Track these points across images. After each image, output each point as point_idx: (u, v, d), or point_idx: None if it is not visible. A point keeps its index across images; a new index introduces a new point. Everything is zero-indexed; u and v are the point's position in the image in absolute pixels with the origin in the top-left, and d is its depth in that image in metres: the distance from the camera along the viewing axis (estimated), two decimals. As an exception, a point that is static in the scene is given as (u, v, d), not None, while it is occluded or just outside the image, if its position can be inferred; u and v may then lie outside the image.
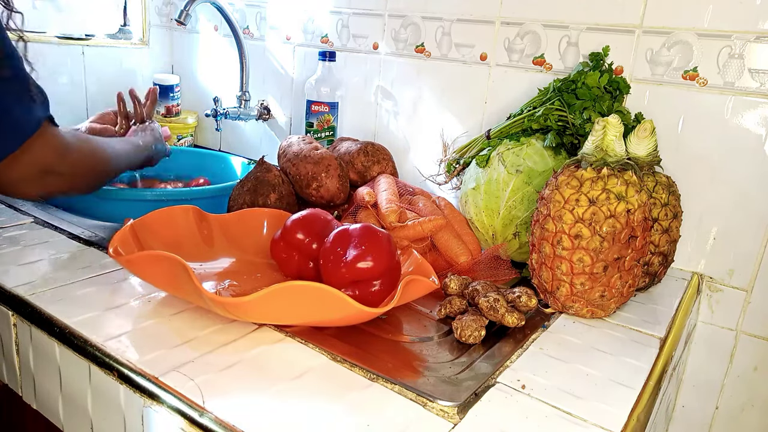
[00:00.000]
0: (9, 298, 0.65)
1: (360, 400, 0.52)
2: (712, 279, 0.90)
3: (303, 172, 0.92)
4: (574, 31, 0.95)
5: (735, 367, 0.91)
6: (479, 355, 0.62)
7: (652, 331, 0.70)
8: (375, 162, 0.99)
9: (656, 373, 0.61)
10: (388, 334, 0.67)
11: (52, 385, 0.63)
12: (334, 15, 1.24)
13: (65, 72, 1.34)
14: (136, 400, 0.53)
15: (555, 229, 0.69)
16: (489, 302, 0.68)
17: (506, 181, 0.84)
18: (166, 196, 0.97)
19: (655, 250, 0.78)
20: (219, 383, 0.52)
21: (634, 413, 0.54)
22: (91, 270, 0.73)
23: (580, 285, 0.69)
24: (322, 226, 0.74)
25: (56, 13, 1.34)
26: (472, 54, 1.07)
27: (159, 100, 1.47)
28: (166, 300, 0.67)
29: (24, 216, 0.89)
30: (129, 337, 0.58)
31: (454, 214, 0.91)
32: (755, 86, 0.82)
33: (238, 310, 0.59)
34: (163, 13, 1.54)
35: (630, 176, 0.68)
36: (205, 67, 1.53)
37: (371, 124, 1.24)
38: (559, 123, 0.86)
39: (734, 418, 0.93)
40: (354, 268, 0.64)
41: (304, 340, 0.61)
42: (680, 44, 0.86)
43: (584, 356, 0.63)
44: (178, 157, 1.16)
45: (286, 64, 1.35)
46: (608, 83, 0.87)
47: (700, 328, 0.93)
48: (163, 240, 0.74)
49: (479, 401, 0.53)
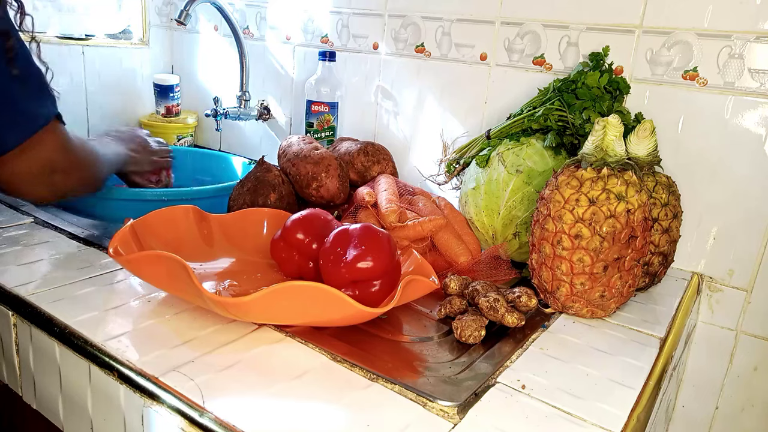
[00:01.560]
0: (9, 298, 0.65)
1: (360, 400, 0.52)
2: (712, 279, 0.90)
3: (303, 172, 0.92)
4: (574, 31, 0.95)
5: (735, 367, 0.91)
6: (479, 355, 0.62)
7: (652, 331, 0.70)
8: (375, 162, 0.99)
9: (656, 373, 0.61)
10: (388, 334, 0.67)
11: (52, 385, 0.63)
12: (334, 15, 1.24)
13: (65, 72, 1.34)
14: (136, 400, 0.53)
15: (555, 229, 0.69)
16: (489, 302, 0.68)
17: (506, 181, 0.84)
18: (166, 196, 0.97)
19: (655, 250, 0.78)
20: (219, 383, 0.52)
21: (634, 413, 0.54)
22: (91, 270, 0.73)
23: (580, 285, 0.69)
24: (322, 226, 0.74)
25: (56, 13, 1.34)
26: (472, 54, 1.07)
27: (159, 100, 1.47)
28: (166, 300, 0.67)
29: (24, 216, 0.89)
30: (129, 337, 0.58)
31: (454, 214, 0.91)
32: (755, 86, 0.82)
33: (238, 310, 0.59)
34: (163, 13, 1.54)
35: (630, 176, 0.68)
36: (205, 67, 1.53)
37: (371, 124, 1.24)
38: (559, 123, 0.86)
39: (734, 418, 0.93)
40: (354, 268, 0.64)
41: (304, 340, 0.61)
42: (680, 44, 0.86)
43: (584, 356, 0.63)
44: (178, 157, 1.16)
45: (286, 64, 1.35)
46: (608, 83, 0.87)
47: (700, 328, 0.93)
48: (163, 240, 0.74)
49: (479, 401, 0.53)
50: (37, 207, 0.95)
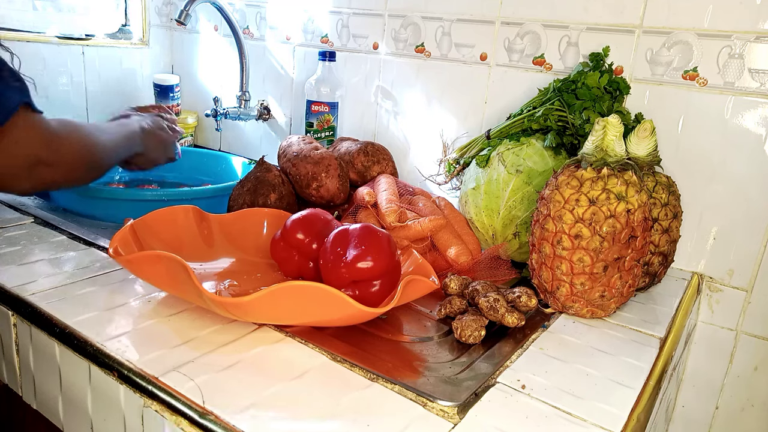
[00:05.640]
0: (9, 298, 0.65)
1: (360, 400, 0.52)
2: (712, 279, 0.90)
3: (303, 172, 0.92)
4: (574, 31, 0.95)
5: (735, 367, 0.91)
6: (479, 355, 0.62)
7: (652, 331, 0.70)
8: (375, 162, 0.99)
9: (656, 373, 0.61)
10: (388, 334, 0.67)
11: (52, 385, 0.63)
12: (334, 15, 1.24)
13: (65, 72, 1.34)
14: (136, 400, 0.53)
15: (555, 229, 0.69)
16: (489, 302, 0.68)
17: (506, 181, 0.84)
18: (166, 196, 0.97)
19: (655, 250, 0.78)
20: (219, 383, 0.52)
21: (634, 413, 0.54)
22: (91, 270, 0.73)
23: (580, 285, 0.69)
24: (322, 226, 0.74)
25: (56, 13, 1.34)
26: (472, 54, 1.07)
27: (159, 100, 1.47)
28: (166, 300, 0.67)
29: (24, 216, 0.89)
30: (129, 337, 0.58)
31: (454, 214, 0.91)
32: (755, 86, 0.82)
33: (238, 310, 0.59)
34: (163, 13, 1.54)
35: (630, 176, 0.68)
36: (205, 67, 1.53)
37: (371, 124, 1.24)
38: (559, 123, 0.86)
39: (734, 418, 0.93)
40: (354, 268, 0.64)
41: (304, 340, 0.61)
42: (680, 44, 0.86)
43: (584, 356, 0.63)
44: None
45: (285, 64, 1.35)
46: (608, 83, 0.87)
47: (700, 328, 0.93)
48: (163, 240, 0.74)
49: (479, 401, 0.53)
50: (37, 207, 0.95)
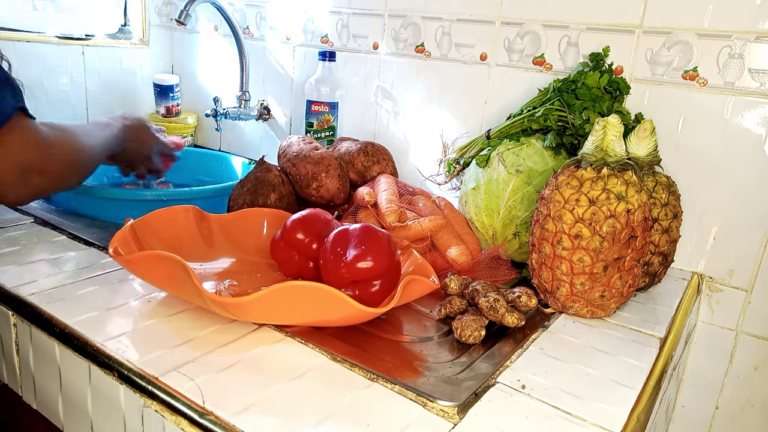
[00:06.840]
0: (9, 298, 0.65)
1: (360, 400, 0.52)
2: (712, 279, 0.90)
3: (303, 172, 0.92)
4: (574, 31, 0.95)
5: (735, 367, 0.91)
6: (479, 355, 0.62)
7: (652, 331, 0.70)
8: (375, 162, 0.99)
9: (656, 373, 0.61)
10: (388, 334, 0.67)
11: (52, 385, 0.63)
12: (334, 15, 1.24)
13: (65, 72, 1.34)
14: (136, 400, 0.53)
15: (555, 229, 0.69)
16: (489, 302, 0.68)
17: (506, 181, 0.84)
18: (166, 196, 0.97)
19: (655, 250, 0.78)
20: (219, 383, 0.52)
21: (634, 413, 0.54)
22: (91, 270, 0.73)
23: (580, 285, 0.69)
24: (322, 226, 0.74)
25: (56, 13, 1.34)
26: (472, 54, 1.07)
27: (159, 100, 1.47)
28: (166, 300, 0.67)
29: (24, 216, 0.89)
30: (129, 337, 0.58)
31: (454, 214, 0.91)
32: (755, 86, 0.82)
33: (238, 310, 0.59)
34: (163, 13, 1.54)
35: (630, 176, 0.68)
36: (205, 67, 1.53)
37: (371, 124, 1.24)
38: (559, 123, 0.86)
39: (734, 418, 0.93)
40: (354, 268, 0.64)
41: (304, 340, 0.61)
42: (680, 44, 0.86)
43: (584, 356, 0.63)
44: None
45: (285, 64, 1.35)
46: (608, 83, 0.87)
47: (700, 328, 0.93)
48: (163, 240, 0.74)
49: (479, 401, 0.53)
50: (37, 207, 0.95)
